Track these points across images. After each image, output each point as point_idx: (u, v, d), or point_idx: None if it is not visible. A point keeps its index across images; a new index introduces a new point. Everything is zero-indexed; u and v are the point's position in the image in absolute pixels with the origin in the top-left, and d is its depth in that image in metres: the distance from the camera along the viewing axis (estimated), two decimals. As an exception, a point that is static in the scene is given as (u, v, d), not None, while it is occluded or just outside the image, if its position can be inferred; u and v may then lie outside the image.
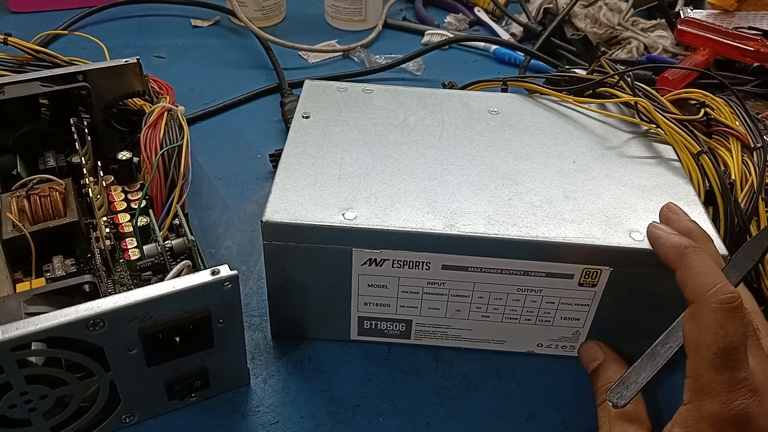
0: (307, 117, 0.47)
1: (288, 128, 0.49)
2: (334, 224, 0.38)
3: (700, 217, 0.40)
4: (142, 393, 0.37)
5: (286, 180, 0.41)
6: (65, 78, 0.49)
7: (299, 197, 0.39)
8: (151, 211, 0.44)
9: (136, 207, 0.46)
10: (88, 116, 0.50)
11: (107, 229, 0.45)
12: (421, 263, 0.39)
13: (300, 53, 0.78)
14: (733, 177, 0.45)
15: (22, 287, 0.40)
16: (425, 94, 0.51)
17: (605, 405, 0.37)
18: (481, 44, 0.80)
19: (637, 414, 0.36)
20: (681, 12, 0.78)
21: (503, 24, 0.85)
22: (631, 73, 0.51)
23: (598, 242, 0.38)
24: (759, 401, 0.30)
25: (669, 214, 0.38)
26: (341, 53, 0.78)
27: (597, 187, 0.42)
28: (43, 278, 0.41)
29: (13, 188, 0.45)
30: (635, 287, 0.39)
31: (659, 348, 0.35)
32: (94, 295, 0.36)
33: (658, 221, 0.39)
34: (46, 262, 0.42)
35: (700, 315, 0.31)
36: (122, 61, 0.51)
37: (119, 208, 0.47)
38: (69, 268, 0.41)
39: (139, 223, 0.44)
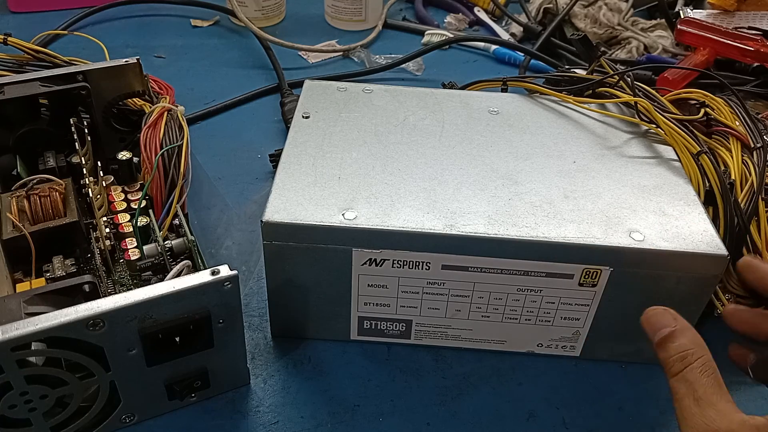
0: (307, 117, 0.47)
1: (288, 128, 0.49)
2: (334, 224, 0.38)
3: (700, 217, 0.40)
4: (142, 393, 0.37)
5: (286, 180, 0.41)
6: (65, 78, 0.49)
7: (299, 197, 0.39)
8: (151, 211, 0.44)
9: (136, 207, 0.46)
10: (88, 116, 0.50)
11: (107, 229, 0.45)
12: (421, 263, 0.39)
13: (300, 53, 0.78)
14: (733, 177, 0.45)
15: (22, 287, 0.40)
16: (425, 94, 0.51)
17: (684, 376, 0.33)
18: (481, 44, 0.80)
19: (725, 394, 0.33)
20: (681, 12, 0.78)
21: (503, 24, 0.85)
22: (631, 73, 0.51)
23: (598, 242, 0.38)
24: None
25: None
26: (341, 53, 0.78)
27: (597, 187, 0.42)
28: (43, 278, 0.41)
29: (13, 188, 0.45)
30: (635, 287, 0.39)
31: None
32: (94, 295, 0.36)
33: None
34: (46, 262, 0.42)
35: None
36: (122, 61, 0.51)
37: (119, 208, 0.47)
38: (69, 268, 0.41)
39: (139, 223, 0.44)
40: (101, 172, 0.46)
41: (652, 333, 0.36)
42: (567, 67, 0.70)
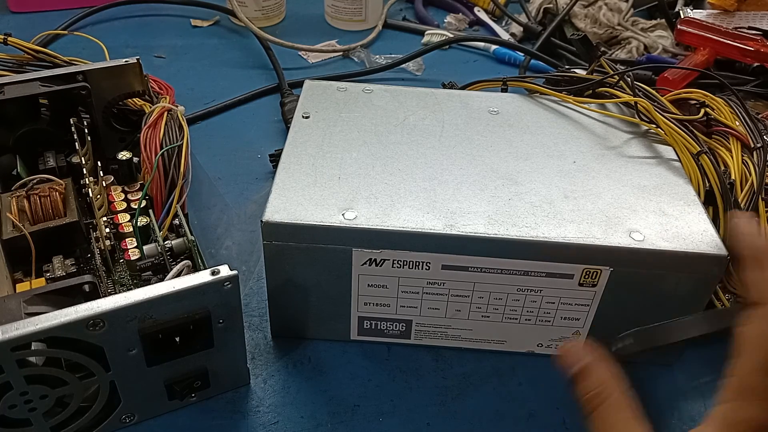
0: (307, 117, 0.47)
1: (288, 128, 0.49)
2: (334, 224, 0.38)
3: (700, 217, 0.40)
4: (142, 393, 0.37)
5: (286, 180, 0.41)
6: (65, 78, 0.49)
7: (299, 197, 0.39)
8: (151, 211, 0.44)
9: (136, 207, 0.46)
10: (88, 116, 0.50)
11: (107, 229, 0.45)
12: (421, 263, 0.39)
13: (300, 53, 0.78)
14: (733, 177, 0.45)
15: (22, 287, 0.40)
16: (425, 94, 0.51)
17: (600, 414, 0.33)
18: (481, 44, 0.80)
19: (642, 428, 0.32)
20: (681, 12, 0.78)
21: (503, 24, 0.85)
22: (631, 73, 0.51)
23: (598, 242, 0.38)
24: None
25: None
26: (341, 53, 0.78)
27: (597, 187, 0.42)
28: (43, 278, 0.41)
29: (13, 188, 0.45)
30: (635, 287, 0.39)
31: (691, 323, 0.35)
32: (94, 295, 0.36)
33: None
34: (46, 262, 0.42)
35: (766, 318, 0.30)
36: (122, 61, 0.51)
37: (119, 208, 0.47)
38: (69, 268, 0.41)
39: (139, 223, 0.44)
40: (101, 172, 0.46)
41: (566, 369, 0.35)
42: (567, 67, 0.70)
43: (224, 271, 0.34)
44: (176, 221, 0.44)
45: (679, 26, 0.72)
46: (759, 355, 0.30)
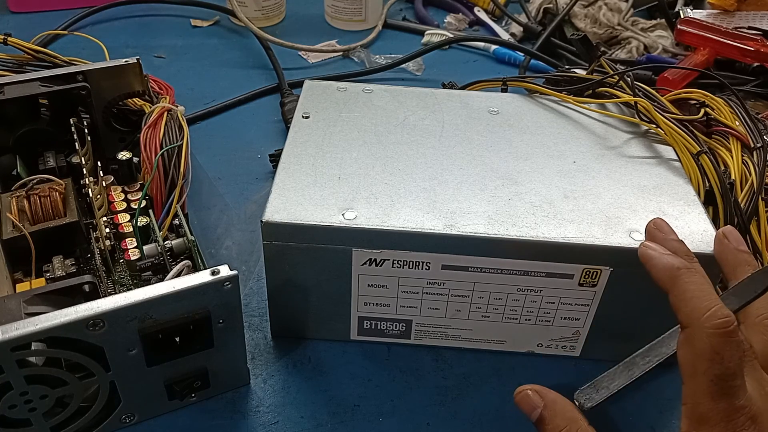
0: (307, 117, 0.47)
1: (288, 128, 0.49)
2: (334, 224, 0.38)
3: (700, 217, 0.40)
4: (142, 393, 0.37)
5: (286, 180, 0.41)
6: (65, 78, 0.49)
7: (299, 197, 0.39)
8: (151, 211, 0.44)
9: (136, 207, 0.46)
10: (88, 116, 0.50)
11: (107, 229, 0.45)
12: (421, 263, 0.39)
13: (300, 53, 0.78)
14: (733, 177, 0.45)
15: (22, 287, 0.40)
16: (425, 94, 0.51)
17: None
18: (481, 44, 0.80)
19: None
20: (681, 12, 0.78)
21: (503, 24, 0.85)
22: (631, 73, 0.51)
23: (598, 242, 0.38)
24: (759, 429, 0.29)
25: (655, 232, 0.36)
26: (341, 53, 0.78)
27: (597, 187, 0.42)
28: (43, 278, 0.41)
29: (13, 188, 0.45)
30: (635, 287, 0.39)
31: (638, 359, 0.34)
32: (94, 295, 0.36)
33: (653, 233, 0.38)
34: (46, 262, 0.42)
35: (695, 340, 0.30)
36: (122, 61, 0.51)
37: (119, 208, 0.47)
38: (69, 268, 0.42)
39: (139, 223, 0.44)
40: (101, 172, 0.46)
41: (527, 414, 0.35)
42: (567, 67, 0.70)
43: (224, 271, 0.34)
44: (176, 221, 0.44)
45: (679, 26, 0.72)
46: (700, 380, 0.29)
